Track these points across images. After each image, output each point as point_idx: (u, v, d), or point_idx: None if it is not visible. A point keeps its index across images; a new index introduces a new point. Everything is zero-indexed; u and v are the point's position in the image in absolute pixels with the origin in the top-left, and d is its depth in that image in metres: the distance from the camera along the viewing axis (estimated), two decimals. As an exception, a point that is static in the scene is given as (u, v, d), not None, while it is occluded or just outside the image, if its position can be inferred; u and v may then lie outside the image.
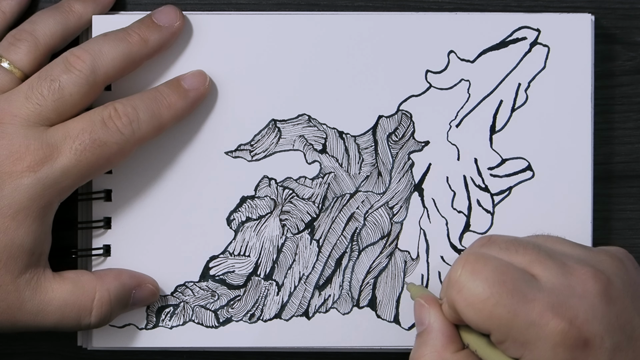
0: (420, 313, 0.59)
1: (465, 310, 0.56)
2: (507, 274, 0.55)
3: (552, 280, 0.55)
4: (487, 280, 0.55)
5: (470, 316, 0.56)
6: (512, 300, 0.55)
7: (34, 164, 0.59)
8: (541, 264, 0.56)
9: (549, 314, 0.54)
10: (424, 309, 0.59)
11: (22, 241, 0.60)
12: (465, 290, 0.56)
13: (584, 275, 0.56)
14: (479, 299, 0.55)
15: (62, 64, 0.61)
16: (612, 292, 0.56)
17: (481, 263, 0.56)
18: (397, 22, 0.65)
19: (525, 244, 0.57)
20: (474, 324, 0.56)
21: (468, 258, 0.56)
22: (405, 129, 0.65)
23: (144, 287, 0.64)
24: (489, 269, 0.56)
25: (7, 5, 0.65)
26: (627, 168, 0.68)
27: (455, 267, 0.56)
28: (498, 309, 0.55)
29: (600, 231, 0.67)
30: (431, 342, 0.58)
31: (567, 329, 0.54)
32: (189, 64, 0.65)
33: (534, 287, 0.55)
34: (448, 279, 0.57)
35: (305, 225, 0.66)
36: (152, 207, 0.65)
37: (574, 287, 0.55)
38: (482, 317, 0.55)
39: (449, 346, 0.58)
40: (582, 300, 0.55)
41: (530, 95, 0.65)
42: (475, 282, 0.55)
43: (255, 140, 0.65)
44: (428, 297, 0.59)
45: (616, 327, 0.55)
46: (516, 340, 0.55)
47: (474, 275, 0.56)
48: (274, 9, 0.67)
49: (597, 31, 0.66)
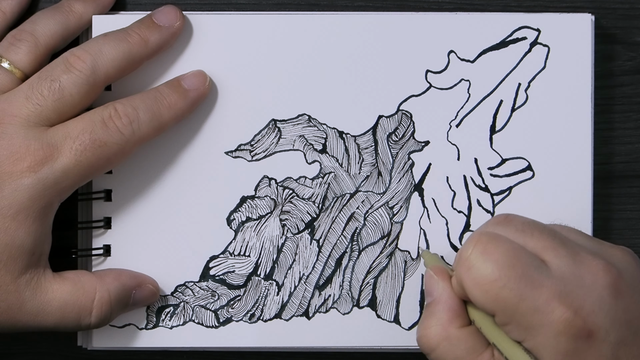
0: (430, 284, 0.59)
1: (472, 289, 0.56)
2: (518, 258, 0.55)
3: (562, 269, 0.55)
4: (497, 263, 0.55)
5: (476, 296, 0.56)
6: (519, 285, 0.55)
7: (34, 164, 0.59)
8: (554, 251, 0.56)
9: (555, 302, 0.54)
10: (434, 280, 0.59)
11: (22, 241, 0.60)
12: (474, 270, 0.56)
13: (595, 267, 0.56)
14: (487, 280, 0.55)
15: (62, 64, 0.61)
16: (621, 287, 0.55)
17: (493, 244, 0.56)
18: (397, 22, 0.65)
19: (541, 229, 0.57)
20: (479, 303, 0.56)
21: (481, 238, 0.56)
22: (405, 129, 0.65)
23: (144, 287, 0.64)
24: (500, 251, 0.55)
25: (7, 5, 0.65)
26: (627, 168, 0.67)
27: (467, 245, 0.56)
28: (505, 291, 0.55)
29: (600, 231, 0.67)
30: (438, 315, 0.58)
31: (572, 319, 0.54)
32: (189, 64, 0.65)
33: (543, 273, 0.55)
34: (459, 256, 0.57)
35: (305, 225, 0.66)
36: (152, 207, 0.65)
37: (583, 277, 0.55)
38: (488, 298, 0.55)
39: (455, 321, 0.58)
40: (590, 291, 0.55)
41: (530, 95, 0.65)
42: (485, 263, 0.55)
43: (255, 140, 0.65)
44: (439, 269, 0.59)
45: (622, 321, 0.55)
46: (520, 325, 0.55)
47: (485, 256, 0.55)
48: (274, 9, 0.67)
49: (597, 31, 0.66)
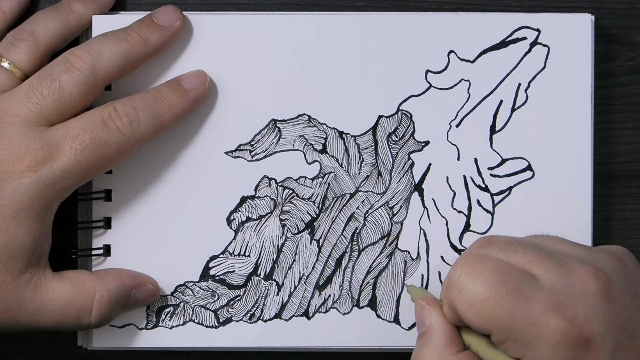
0: (422, 314, 0.59)
1: (465, 310, 0.56)
2: (507, 274, 0.55)
3: (552, 280, 0.55)
4: (487, 281, 0.55)
5: (470, 317, 0.56)
6: (512, 300, 0.55)
7: (34, 163, 0.59)
8: (541, 264, 0.56)
9: (549, 314, 0.54)
10: (425, 310, 0.59)
11: (22, 241, 0.60)
12: (465, 291, 0.56)
13: (583, 274, 0.56)
14: (479, 300, 0.55)
15: (62, 63, 0.61)
16: (612, 291, 0.56)
17: (481, 264, 0.56)
18: (397, 22, 0.65)
19: (524, 244, 0.57)
20: (474, 324, 0.56)
21: (467, 259, 0.56)
22: (405, 129, 0.65)
23: (144, 287, 0.64)
24: (488, 270, 0.56)
25: (7, 5, 0.65)
26: (627, 168, 0.67)
27: (454, 268, 0.56)
28: (498, 309, 0.55)
29: (600, 231, 0.67)
30: (432, 343, 0.58)
31: (568, 328, 0.54)
32: (189, 64, 0.65)
33: (533, 287, 0.55)
34: (448, 280, 0.57)
35: (305, 225, 0.66)
36: (152, 207, 0.65)
37: (573, 286, 0.55)
38: (482, 317, 0.55)
39: (450, 347, 0.58)
40: (582, 299, 0.55)
41: (530, 95, 0.65)
42: (475, 283, 0.55)
43: (255, 140, 0.65)
44: (429, 299, 0.59)
45: (616, 325, 0.55)
46: (517, 340, 0.55)
47: (474, 276, 0.56)
48: (274, 9, 0.67)
49: (597, 31, 0.66)
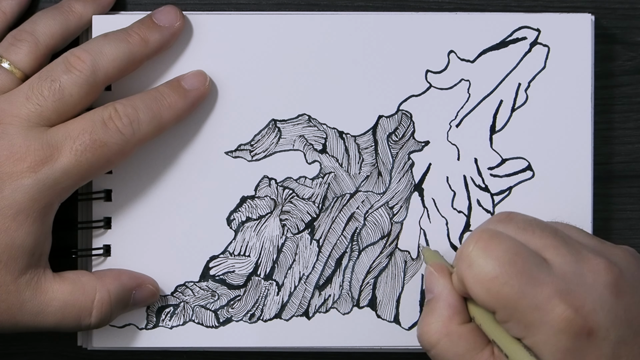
0: (431, 281, 0.59)
1: (472, 286, 0.56)
2: (519, 255, 0.55)
3: (564, 267, 0.55)
4: (498, 259, 0.55)
5: (477, 293, 0.56)
6: (520, 282, 0.55)
7: (34, 164, 0.59)
8: (555, 249, 0.56)
9: (555, 300, 0.54)
10: (434, 277, 0.59)
11: (22, 241, 0.60)
12: (475, 267, 0.56)
13: (596, 265, 0.56)
14: (488, 277, 0.55)
15: (62, 64, 0.61)
16: (623, 286, 0.55)
17: (495, 241, 0.56)
18: (397, 22, 0.65)
19: (543, 227, 0.57)
20: (480, 300, 0.56)
21: (482, 235, 0.56)
22: (405, 129, 0.65)
23: (144, 287, 0.64)
24: (501, 248, 0.55)
25: (7, 5, 0.65)
26: (627, 168, 0.68)
27: (468, 242, 0.56)
28: (505, 288, 0.55)
29: (600, 231, 0.67)
30: (438, 312, 0.58)
31: (573, 317, 0.54)
32: (189, 64, 0.65)
33: (544, 271, 0.55)
34: (460, 253, 0.57)
35: (305, 225, 0.66)
36: (152, 207, 0.65)
37: (584, 275, 0.55)
38: (488, 295, 0.55)
39: (455, 317, 0.58)
40: (591, 290, 0.55)
41: (530, 95, 0.65)
42: (486, 260, 0.55)
43: (255, 140, 0.65)
44: (439, 266, 0.59)
45: (623, 320, 0.55)
46: (520, 322, 0.55)
47: (486, 253, 0.55)
48: (274, 9, 0.67)
49: (597, 31, 0.66)
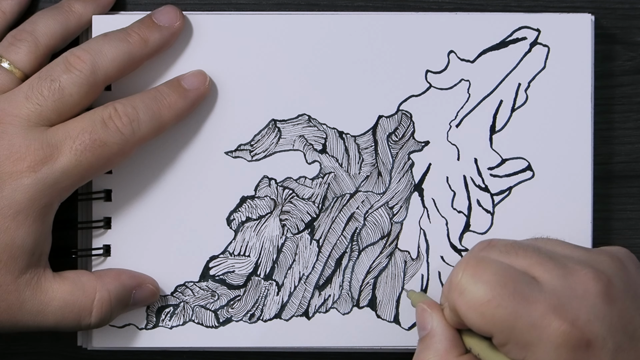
0: (423, 318, 0.59)
1: (467, 313, 0.56)
2: (508, 277, 0.55)
3: (553, 282, 0.55)
4: (489, 283, 0.55)
5: (472, 319, 0.56)
6: (513, 302, 0.55)
7: (34, 164, 0.59)
8: (542, 266, 0.56)
9: (550, 316, 0.54)
10: (426, 313, 0.59)
11: (22, 241, 0.60)
12: (466, 293, 0.56)
13: (584, 276, 0.56)
14: (481, 302, 0.55)
15: (62, 64, 0.61)
16: (613, 293, 0.56)
17: (482, 266, 0.56)
18: (397, 22, 0.65)
19: (525, 247, 0.57)
20: (475, 327, 0.56)
21: (469, 261, 0.56)
22: (405, 129, 0.65)
23: (144, 287, 0.64)
24: (490, 272, 0.56)
25: (7, 5, 0.65)
26: (627, 168, 0.67)
27: (456, 271, 0.56)
28: (500, 311, 0.55)
29: (600, 231, 0.67)
30: (434, 347, 0.58)
31: (569, 330, 0.54)
32: (189, 64, 0.65)
33: (535, 289, 0.55)
34: (449, 283, 0.57)
35: (305, 225, 0.66)
36: (152, 207, 0.65)
37: (574, 288, 0.55)
38: (484, 319, 0.55)
39: (452, 350, 0.58)
40: (583, 301, 0.55)
41: (530, 95, 0.65)
42: (477, 285, 0.55)
43: (255, 140, 0.65)
44: (430, 302, 0.59)
45: (618, 327, 0.55)
46: (518, 343, 0.55)
47: (475, 278, 0.56)
48: (274, 9, 0.67)
49: (597, 31, 0.66)
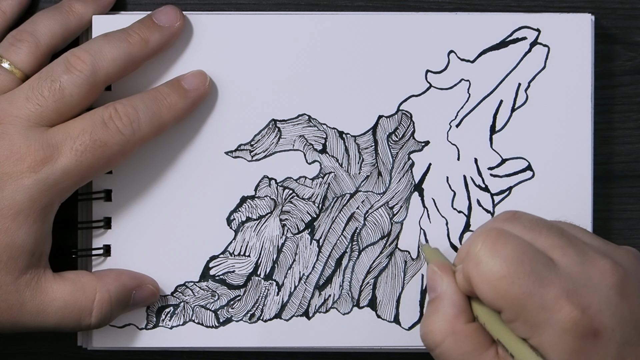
0: (434, 280, 0.59)
1: (480, 285, 0.56)
2: (526, 255, 0.55)
3: (570, 267, 0.55)
4: (506, 259, 0.55)
5: (484, 292, 0.56)
6: (528, 282, 0.55)
7: (34, 164, 0.59)
8: (561, 250, 0.56)
9: (563, 300, 0.54)
10: (437, 276, 0.59)
11: (22, 242, 0.60)
12: (482, 266, 0.55)
13: (602, 266, 0.56)
14: (496, 277, 0.55)
15: (62, 64, 0.61)
16: (628, 287, 0.55)
17: (502, 241, 0.56)
18: (397, 22, 0.65)
19: (549, 227, 0.57)
20: (487, 300, 0.56)
21: (490, 234, 0.56)
22: (405, 129, 0.65)
23: (144, 287, 0.64)
24: (509, 248, 0.55)
25: (7, 5, 0.65)
26: (627, 168, 0.68)
27: (475, 241, 0.56)
28: (513, 288, 0.55)
29: (600, 231, 0.67)
30: (443, 310, 0.58)
31: (579, 317, 0.54)
32: (189, 64, 0.65)
33: (551, 271, 0.55)
34: (467, 251, 0.56)
35: (305, 225, 0.66)
36: (152, 207, 0.65)
37: (590, 276, 0.55)
38: (496, 294, 0.55)
39: (460, 316, 0.57)
40: (598, 290, 0.55)
41: (530, 95, 0.65)
42: (494, 259, 0.55)
43: (255, 140, 0.65)
44: (442, 265, 0.59)
45: (629, 321, 0.55)
46: (526, 322, 0.55)
47: (494, 252, 0.55)
48: (274, 9, 0.67)
49: (597, 31, 0.66)
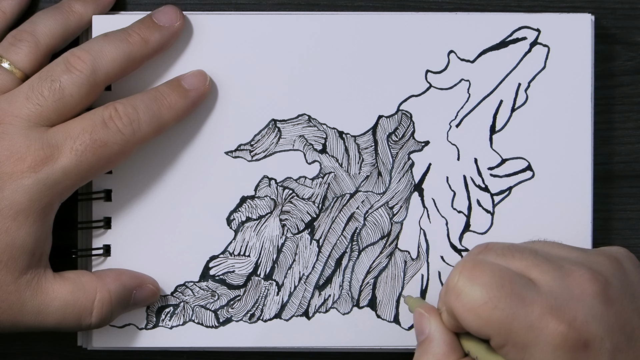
0: (421, 322, 0.59)
1: (464, 315, 0.56)
2: (505, 278, 0.55)
3: (550, 284, 0.56)
4: (485, 285, 0.55)
5: (469, 321, 0.56)
6: (510, 304, 0.55)
7: (34, 164, 0.59)
8: (538, 268, 0.56)
9: (548, 317, 0.54)
10: (424, 318, 0.59)
11: (23, 242, 0.60)
12: (463, 296, 0.56)
13: (581, 277, 0.56)
14: (478, 304, 0.55)
15: (62, 64, 0.61)
16: (610, 293, 0.56)
17: (479, 268, 0.56)
18: (397, 22, 0.65)
19: (522, 249, 0.58)
20: (473, 329, 0.56)
21: (465, 264, 0.56)
22: (405, 129, 0.65)
23: (144, 287, 0.64)
24: (486, 274, 0.56)
25: (7, 5, 0.65)
26: (627, 168, 0.68)
27: (453, 274, 0.56)
28: (497, 312, 0.55)
29: (600, 231, 0.67)
30: (432, 351, 0.58)
31: (567, 331, 0.54)
32: (189, 64, 0.65)
33: (532, 290, 0.55)
34: (446, 286, 0.57)
35: (305, 225, 0.66)
36: (152, 207, 0.65)
37: (571, 289, 0.55)
38: (481, 321, 0.55)
39: (450, 354, 0.58)
40: (580, 302, 0.55)
41: (530, 95, 0.65)
42: (474, 287, 0.55)
43: (255, 140, 0.65)
44: (428, 307, 0.60)
45: (615, 327, 0.55)
46: (516, 344, 0.55)
47: (472, 281, 0.56)
48: (274, 9, 0.67)
49: (597, 31, 0.66)
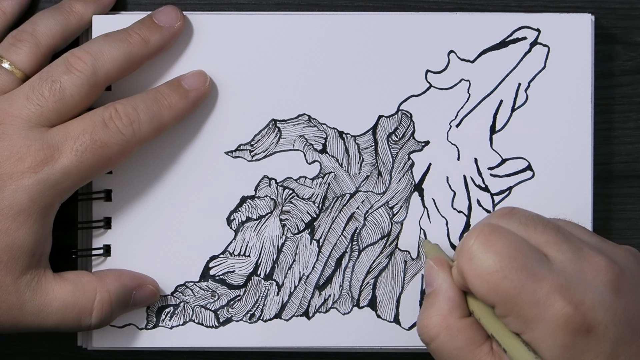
0: (430, 274, 0.59)
1: (472, 280, 0.56)
2: (520, 250, 0.55)
3: (564, 263, 0.55)
4: (499, 254, 0.55)
5: (476, 286, 0.56)
6: (520, 276, 0.55)
7: (34, 164, 0.59)
8: (556, 246, 0.56)
9: (555, 296, 0.54)
10: (434, 270, 0.59)
11: (23, 242, 0.60)
12: (475, 260, 0.56)
13: (597, 263, 0.56)
14: (487, 271, 0.55)
15: (62, 64, 0.61)
16: (623, 284, 0.55)
17: (495, 236, 0.56)
18: (397, 22, 0.65)
19: (545, 223, 0.57)
20: (479, 294, 0.56)
21: (483, 229, 0.56)
22: (405, 129, 0.65)
23: (144, 287, 0.64)
24: (502, 243, 0.56)
25: (7, 6, 0.65)
26: (627, 168, 0.68)
27: (469, 236, 0.56)
28: (505, 283, 0.55)
29: (600, 231, 0.67)
30: (438, 305, 0.58)
31: (572, 313, 0.54)
32: (189, 64, 0.65)
33: (544, 267, 0.55)
34: (461, 247, 0.57)
35: (305, 225, 0.66)
36: (152, 207, 0.65)
37: (585, 272, 0.55)
38: (488, 289, 0.55)
39: (455, 311, 0.58)
40: (591, 287, 0.55)
41: (530, 95, 0.65)
42: (486, 254, 0.55)
43: (255, 140, 0.65)
44: (439, 259, 0.59)
45: (622, 319, 0.55)
46: (519, 317, 0.55)
47: (486, 247, 0.56)
48: (274, 9, 0.67)
49: (597, 31, 0.66)
